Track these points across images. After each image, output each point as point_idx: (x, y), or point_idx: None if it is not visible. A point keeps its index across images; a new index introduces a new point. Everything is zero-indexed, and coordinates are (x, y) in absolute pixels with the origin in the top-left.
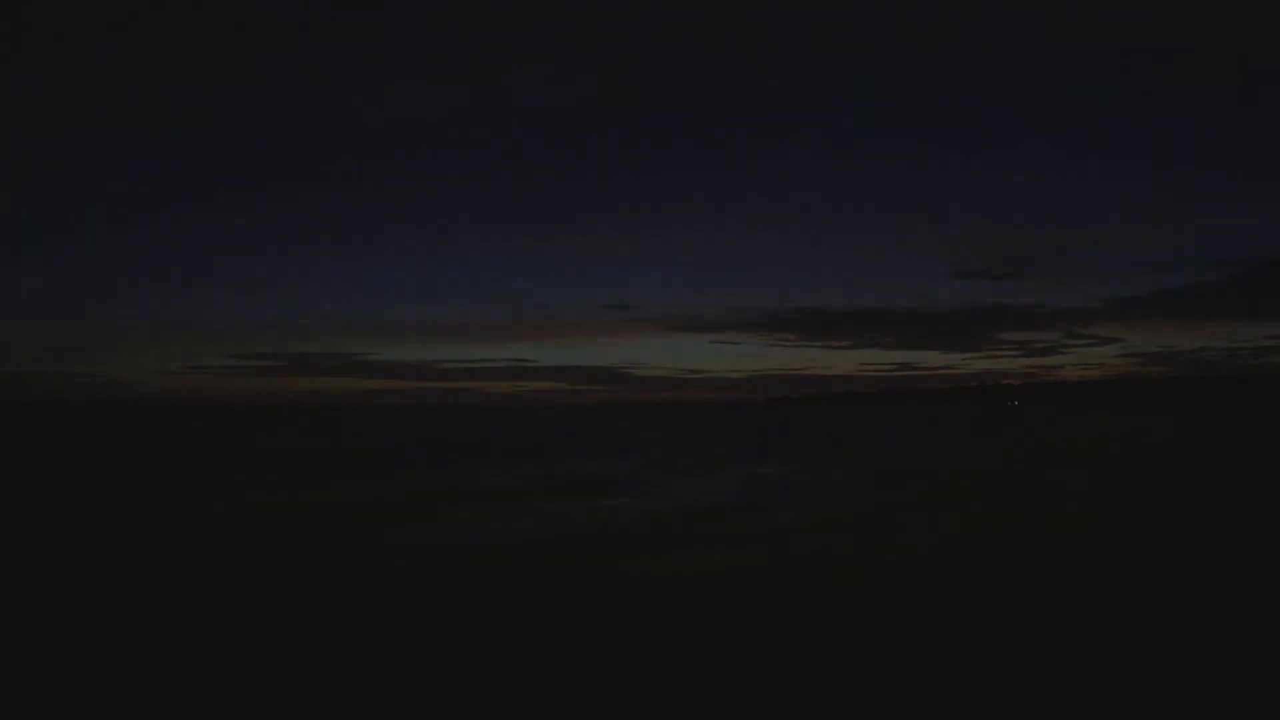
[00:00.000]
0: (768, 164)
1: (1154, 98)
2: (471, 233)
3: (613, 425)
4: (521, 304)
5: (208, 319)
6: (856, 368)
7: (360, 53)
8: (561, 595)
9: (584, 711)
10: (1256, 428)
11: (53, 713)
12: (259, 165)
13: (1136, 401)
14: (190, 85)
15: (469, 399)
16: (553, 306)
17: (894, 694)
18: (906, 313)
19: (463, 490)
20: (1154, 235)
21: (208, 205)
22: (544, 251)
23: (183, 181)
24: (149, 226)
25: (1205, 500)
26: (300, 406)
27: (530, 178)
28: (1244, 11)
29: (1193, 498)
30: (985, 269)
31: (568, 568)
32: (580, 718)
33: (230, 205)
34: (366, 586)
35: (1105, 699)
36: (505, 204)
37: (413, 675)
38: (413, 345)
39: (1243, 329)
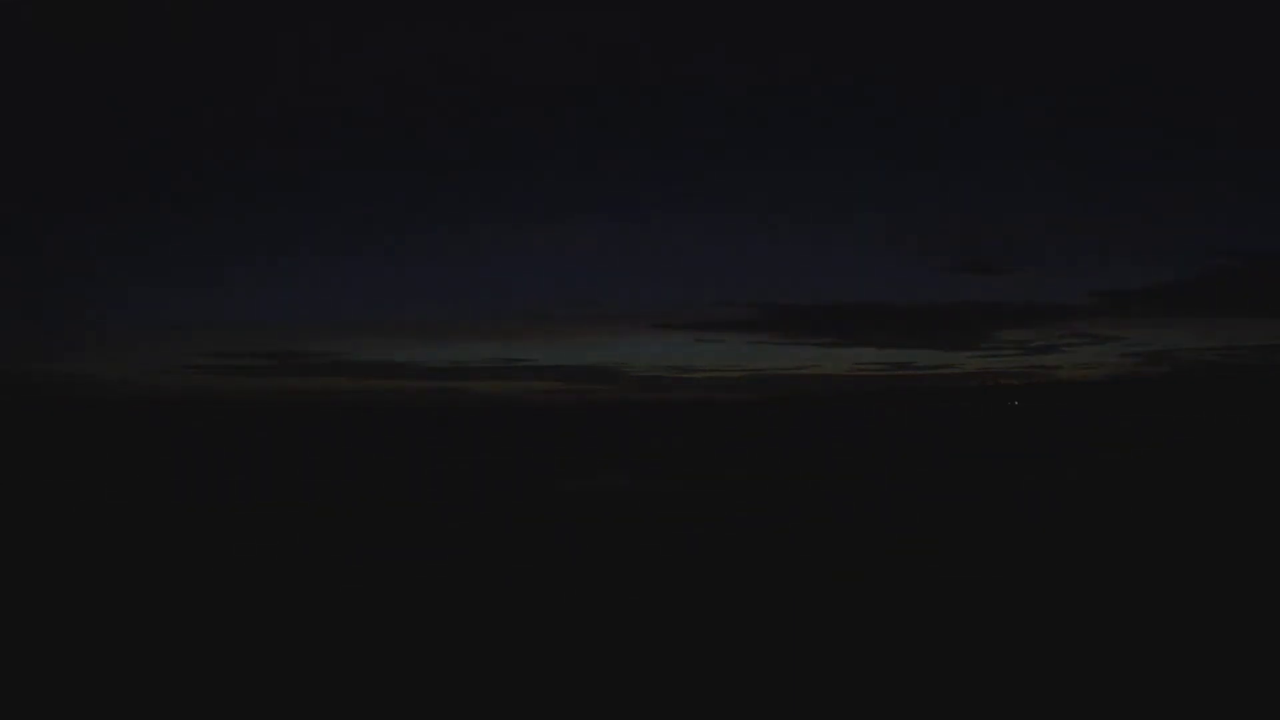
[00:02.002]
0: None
1: (1154, 92)
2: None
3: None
4: (505, 301)
5: (189, 318)
6: (851, 367)
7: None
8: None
9: None
10: (1259, 430)
11: (56, 711)
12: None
13: (1137, 402)
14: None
15: (461, 398)
16: (534, 302)
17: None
18: (899, 310)
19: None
20: (1154, 230)
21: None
22: (525, 247)
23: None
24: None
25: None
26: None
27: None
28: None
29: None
30: (980, 264)
31: None
32: None
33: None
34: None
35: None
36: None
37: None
38: (400, 343)
39: (1245, 326)
